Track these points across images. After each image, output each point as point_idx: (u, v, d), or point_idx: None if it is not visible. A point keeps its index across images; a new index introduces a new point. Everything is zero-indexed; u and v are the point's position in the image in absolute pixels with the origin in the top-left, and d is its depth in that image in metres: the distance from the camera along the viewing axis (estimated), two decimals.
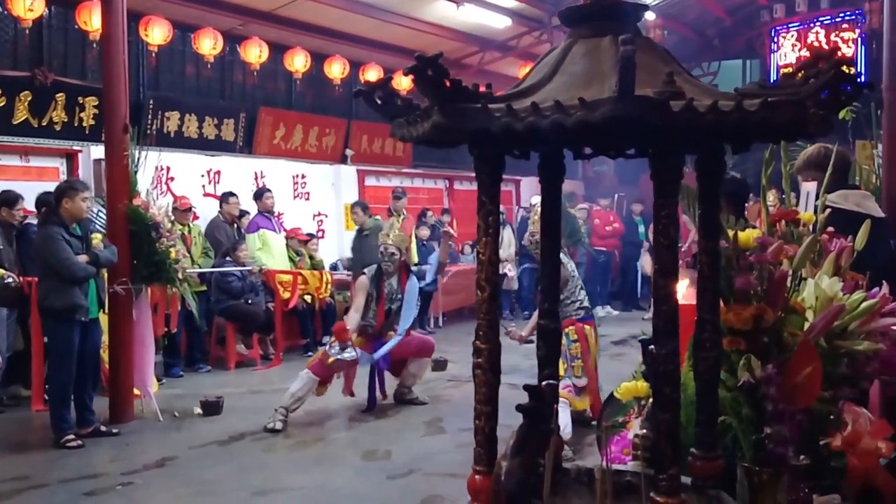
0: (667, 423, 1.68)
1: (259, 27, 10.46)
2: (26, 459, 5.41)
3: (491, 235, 1.70)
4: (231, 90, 11.16)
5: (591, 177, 15.74)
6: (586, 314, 6.02)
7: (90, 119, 8.84)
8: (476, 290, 1.75)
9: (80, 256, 5.75)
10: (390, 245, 6.63)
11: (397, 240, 6.70)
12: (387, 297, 6.61)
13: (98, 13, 7.20)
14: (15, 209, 6.90)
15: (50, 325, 5.90)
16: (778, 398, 2.01)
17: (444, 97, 1.49)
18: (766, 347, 2.03)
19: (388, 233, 6.76)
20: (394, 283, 6.65)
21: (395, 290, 6.64)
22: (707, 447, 1.97)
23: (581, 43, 1.70)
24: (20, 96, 8.27)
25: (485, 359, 1.74)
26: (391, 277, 6.64)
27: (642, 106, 1.41)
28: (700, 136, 1.60)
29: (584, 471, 2.08)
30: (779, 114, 1.50)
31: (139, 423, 6.30)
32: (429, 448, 5.58)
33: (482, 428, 1.77)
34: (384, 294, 6.60)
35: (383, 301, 6.59)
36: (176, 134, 9.95)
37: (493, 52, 13.20)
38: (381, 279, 6.64)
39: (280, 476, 5.09)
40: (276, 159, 11.05)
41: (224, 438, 5.87)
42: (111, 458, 5.49)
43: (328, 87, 11.79)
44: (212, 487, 4.88)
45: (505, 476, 1.46)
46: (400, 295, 6.62)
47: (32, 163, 8.33)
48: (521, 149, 1.82)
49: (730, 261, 2.10)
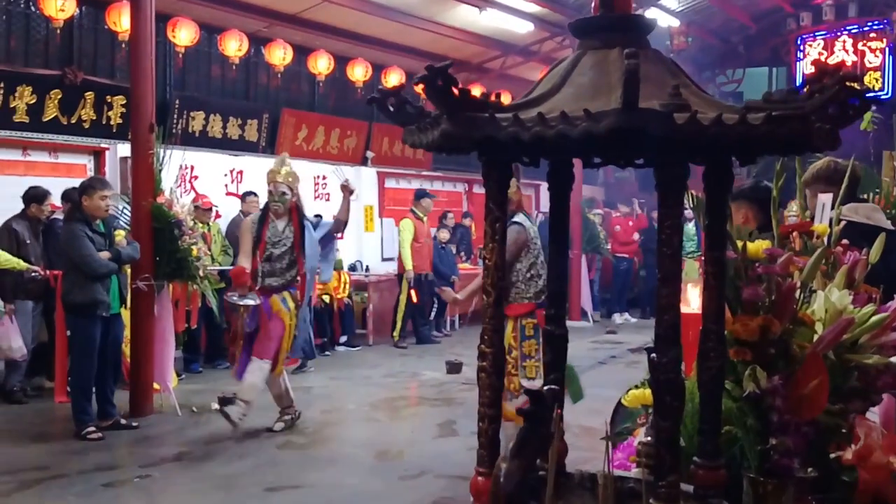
0: (667, 430, 1.70)
1: (283, 29, 10.56)
2: (48, 450, 5.52)
3: (498, 242, 1.73)
4: (255, 91, 11.27)
5: (611, 182, 15.71)
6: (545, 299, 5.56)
7: (118, 118, 8.97)
8: (482, 294, 1.78)
9: (102, 253, 5.85)
10: (280, 183, 5.92)
11: (288, 178, 5.97)
12: (268, 241, 5.91)
13: (127, 14, 7.32)
14: (43, 205, 7.03)
15: (72, 320, 6.01)
16: (784, 409, 2.02)
17: (452, 106, 1.53)
18: (773, 359, 2.04)
19: (279, 169, 5.98)
20: (279, 225, 5.95)
21: (279, 233, 5.94)
22: (710, 456, 1.99)
23: (590, 54, 1.72)
24: (50, 94, 8.42)
25: (489, 362, 1.77)
26: (279, 219, 5.97)
27: (646, 118, 1.44)
28: (704, 148, 1.62)
29: (588, 476, 2.10)
30: (783, 128, 1.51)
31: (158, 418, 6.40)
32: (441, 449, 5.62)
33: (485, 430, 1.79)
34: (265, 236, 5.92)
35: (263, 244, 5.90)
36: (200, 133, 10.07)
37: (515, 57, 13.21)
38: (264, 221, 5.98)
39: (294, 473, 5.15)
40: (298, 160, 11.12)
41: (239, 435, 5.94)
42: (130, 450, 5.59)
43: (350, 90, 11.87)
44: (227, 482, 4.95)
45: (504, 478, 1.49)
46: (290, 241, 5.93)
47: (61, 159, 8.48)
48: (530, 157, 1.85)
49: (738, 271, 2.12)
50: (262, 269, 5.84)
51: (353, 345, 10.06)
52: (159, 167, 6.62)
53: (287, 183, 5.91)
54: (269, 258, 5.87)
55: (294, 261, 5.92)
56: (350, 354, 9.74)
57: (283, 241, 5.90)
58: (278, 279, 5.88)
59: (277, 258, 5.88)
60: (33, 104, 8.29)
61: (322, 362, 8.94)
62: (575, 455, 2.41)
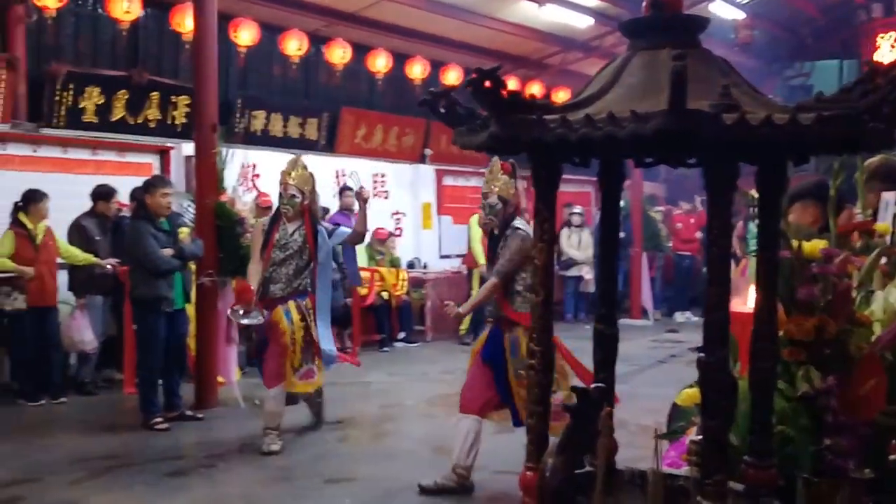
0: (714, 429, 1.70)
1: (343, 28, 10.68)
2: (117, 439, 5.72)
3: (546, 242, 1.76)
4: (315, 90, 11.43)
5: (673, 180, 15.49)
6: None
7: (182, 117, 9.21)
8: (531, 293, 1.80)
9: (166, 250, 6.02)
10: (291, 185, 5.55)
11: (299, 180, 5.59)
12: (276, 244, 5.53)
13: (190, 15, 7.50)
14: (110, 202, 7.27)
15: (137, 314, 6.21)
16: (839, 410, 2.00)
17: (500, 108, 1.56)
18: (828, 359, 2.02)
19: (290, 171, 5.62)
20: (289, 228, 5.54)
21: (287, 236, 5.53)
22: (761, 456, 1.98)
23: (640, 55, 1.74)
24: (117, 95, 8.70)
25: (538, 360, 1.80)
26: (290, 223, 5.56)
27: (693, 119, 1.45)
28: (755, 148, 1.61)
29: (638, 473, 2.11)
30: (835, 128, 1.51)
31: (222, 410, 6.56)
32: (499, 446, 5.62)
33: (534, 427, 1.83)
34: (273, 240, 5.53)
35: (271, 247, 5.52)
36: (262, 132, 10.26)
37: (575, 52, 13.10)
38: (275, 223, 5.61)
39: (352, 466, 5.24)
40: (357, 158, 11.27)
41: (300, 427, 6.06)
42: (195, 441, 5.75)
43: (408, 88, 11.94)
44: (287, 473, 5.07)
45: (550, 473, 1.52)
46: (297, 245, 5.53)
47: (128, 158, 8.73)
48: (579, 157, 1.87)
49: (793, 271, 2.10)
50: (267, 275, 5.51)
51: (411, 341, 10.15)
52: (222, 166, 6.77)
53: (298, 185, 5.56)
54: (274, 262, 5.51)
55: (302, 268, 5.55)
56: (408, 351, 9.83)
57: (289, 244, 5.53)
58: (283, 287, 5.49)
59: (282, 262, 5.50)
60: (101, 105, 8.58)
61: (380, 358, 9.04)
62: (632, 453, 2.42)
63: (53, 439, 5.78)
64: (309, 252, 5.54)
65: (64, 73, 8.20)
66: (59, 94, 8.20)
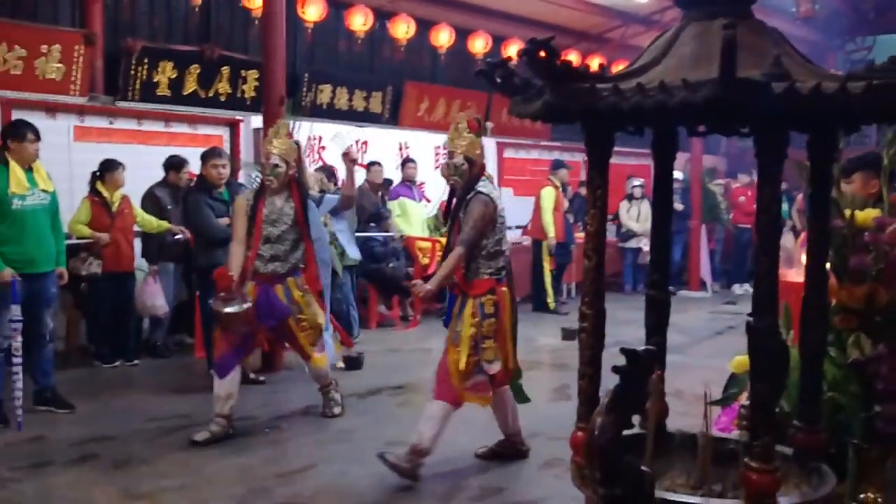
0: (762, 393, 1.74)
1: (407, 4, 10.73)
2: (188, 400, 5.98)
3: (598, 208, 1.82)
4: (379, 64, 11.55)
5: (733, 153, 15.21)
6: (505, 274, 4.62)
7: (251, 91, 9.44)
8: (584, 258, 1.87)
9: (222, 219, 6.24)
10: (273, 154, 5.18)
11: (282, 148, 5.22)
12: (265, 219, 5.18)
13: None
14: (181, 173, 7.53)
15: (200, 281, 6.46)
16: (889, 377, 2.02)
17: (554, 77, 1.62)
18: (878, 327, 2.04)
19: (272, 138, 5.27)
20: (277, 202, 5.22)
21: (277, 210, 5.21)
22: (810, 421, 2.02)
23: (693, 25, 1.77)
24: (189, 69, 8.96)
25: (590, 323, 1.87)
26: (277, 196, 5.24)
27: (742, 88, 1.48)
28: (806, 117, 1.64)
29: (688, 436, 2.17)
30: (885, 97, 1.52)
31: (287, 374, 6.79)
32: (553, 413, 5.70)
33: (585, 388, 1.90)
34: (261, 215, 5.18)
35: (259, 224, 5.16)
36: (328, 106, 10.44)
37: (635, 27, 12.89)
38: (259, 198, 5.23)
39: (411, 429, 5.37)
40: (420, 131, 11.37)
41: (362, 391, 6.24)
42: (261, 403, 5.98)
43: (470, 62, 11.94)
44: (348, 436, 5.25)
45: (598, 431, 1.59)
46: (290, 218, 5.23)
47: (200, 131, 9.01)
48: (632, 126, 1.91)
49: (845, 239, 2.11)
50: (263, 252, 5.18)
51: None
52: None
53: (281, 154, 5.19)
54: (269, 239, 5.18)
55: (297, 241, 5.27)
56: None
57: (282, 218, 5.21)
58: (282, 264, 5.23)
59: (278, 239, 5.19)
60: (174, 79, 8.86)
61: (440, 327, 9.14)
62: (687, 422, 2.46)
63: (127, 400, 6.08)
64: (299, 226, 5.27)
65: (139, 49, 8.50)
66: (134, 68, 8.50)
